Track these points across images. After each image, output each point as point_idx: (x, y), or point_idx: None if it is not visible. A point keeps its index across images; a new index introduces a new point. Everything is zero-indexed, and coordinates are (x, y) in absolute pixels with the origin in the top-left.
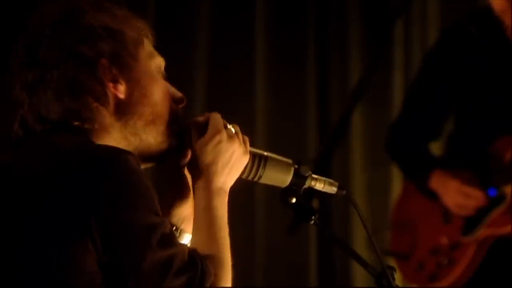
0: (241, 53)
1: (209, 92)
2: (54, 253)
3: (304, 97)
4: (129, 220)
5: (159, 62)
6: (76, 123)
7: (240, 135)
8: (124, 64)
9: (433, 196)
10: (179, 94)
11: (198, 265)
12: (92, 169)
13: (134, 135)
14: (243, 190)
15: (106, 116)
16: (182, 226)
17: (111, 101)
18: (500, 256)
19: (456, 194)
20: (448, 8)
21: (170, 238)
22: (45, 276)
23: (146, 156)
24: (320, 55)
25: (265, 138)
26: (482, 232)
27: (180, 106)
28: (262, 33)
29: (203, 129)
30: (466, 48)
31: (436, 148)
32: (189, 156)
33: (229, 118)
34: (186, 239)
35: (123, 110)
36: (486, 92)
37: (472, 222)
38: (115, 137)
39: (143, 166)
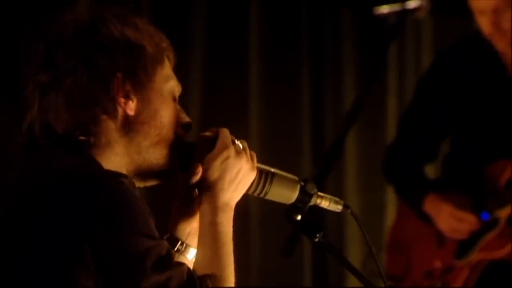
0: (235, 76)
1: (202, 114)
2: (49, 278)
3: (298, 120)
4: (122, 246)
5: (174, 86)
6: (81, 137)
7: (248, 151)
8: (138, 81)
9: (428, 219)
10: (187, 119)
11: (196, 285)
12: (85, 194)
13: (138, 153)
14: (237, 211)
15: (113, 131)
16: (188, 241)
17: (120, 117)
18: (493, 280)
19: (449, 218)
20: (442, 32)
21: (166, 260)
22: None
23: (146, 175)
24: (315, 77)
25: (258, 160)
26: (475, 256)
27: (186, 132)
28: (257, 56)
29: (211, 144)
30: (461, 70)
31: (432, 169)
32: (199, 174)
33: None
34: (191, 253)
35: (130, 127)
36: (481, 115)
37: (465, 246)
38: (118, 152)
39: (143, 184)
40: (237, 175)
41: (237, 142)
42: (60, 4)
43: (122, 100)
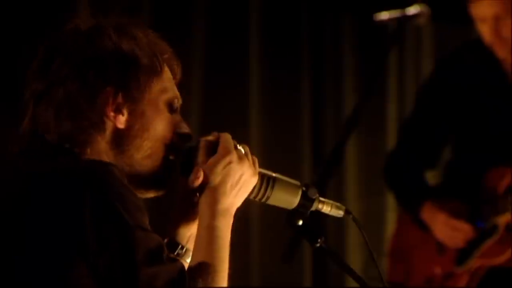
0: (236, 83)
1: (203, 122)
2: (47, 277)
3: (298, 127)
4: (112, 238)
5: (171, 97)
6: (69, 149)
7: (250, 156)
8: (131, 94)
9: (426, 227)
10: (186, 130)
11: (185, 286)
12: (72, 188)
13: (129, 166)
14: (238, 215)
15: (101, 143)
16: (188, 245)
17: (109, 130)
18: (492, 286)
19: (445, 227)
20: (442, 39)
21: (157, 254)
22: None
23: (136, 186)
24: (315, 83)
25: (259, 166)
26: (474, 262)
27: (184, 143)
28: (257, 63)
29: (213, 148)
30: (461, 78)
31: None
32: (200, 178)
33: None
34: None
35: (121, 140)
36: (481, 122)
37: (465, 252)
38: None
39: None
40: (239, 181)
41: (239, 147)
42: (61, 8)
43: (111, 114)
